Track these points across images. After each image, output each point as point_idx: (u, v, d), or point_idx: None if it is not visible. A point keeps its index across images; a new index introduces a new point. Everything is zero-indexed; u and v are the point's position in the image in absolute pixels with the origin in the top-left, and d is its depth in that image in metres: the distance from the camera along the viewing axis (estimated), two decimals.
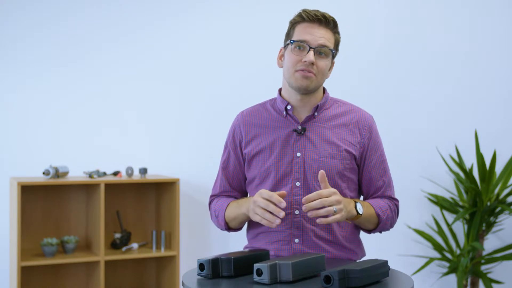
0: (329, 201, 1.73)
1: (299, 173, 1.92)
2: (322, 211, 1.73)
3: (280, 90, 2.03)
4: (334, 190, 1.77)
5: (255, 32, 3.87)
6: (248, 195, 2.07)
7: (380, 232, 2.02)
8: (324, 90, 2.03)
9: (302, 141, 1.94)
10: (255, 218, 1.81)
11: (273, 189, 1.94)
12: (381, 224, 1.96)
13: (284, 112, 1.98)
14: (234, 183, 2.07)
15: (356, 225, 2.00)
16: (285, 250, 1.92)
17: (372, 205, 1.95)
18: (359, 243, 2.03)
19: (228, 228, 2.03)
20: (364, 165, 1.99)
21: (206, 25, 3.86)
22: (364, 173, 1.99)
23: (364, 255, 2.05)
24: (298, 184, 1.92)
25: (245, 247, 2.06)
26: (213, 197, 2.10)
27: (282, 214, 1.74)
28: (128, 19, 3.71)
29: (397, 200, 2.03)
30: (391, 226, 2.02)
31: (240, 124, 2.04)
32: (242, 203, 1.94)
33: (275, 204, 1.75)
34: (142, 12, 3.77)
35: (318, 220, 1.74)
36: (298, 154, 1.93)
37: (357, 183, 2.02)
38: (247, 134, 2.01)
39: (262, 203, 1.77)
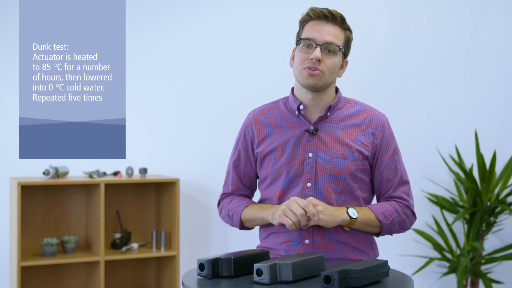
0: (308, 210, 1.82)
1: (310, 174, 1.92)
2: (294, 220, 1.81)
3: (292, 89, 2.02)
4: (310, 198, 1.84)
5: (256, 32, 3.87)
6: (260, 194, 2.07)
7: (391, 234, 2.00)
8: (337, 90, 2.02)
9: (314, 142, 1.94)
10: (282, 220, 1.83)
11: (285, 189, 1.95)
12: (385, 228, 1.95)
13: (297, 112, 1.97)
14: (246, 181, 2.07)
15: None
16: (295, 251, 1.92)
17: (373, 210, 1.93)
18: (371, 244, 2.00)
19: (242, 227, 2.04)
20: (376, 165, 1.97)
21: (206, 25, 3.86)
22: (376, 173, 1.98)
23: (376, 255, 2.03)
24: (309, 184, 1.92)
25: (258, 247, 2.07)
26: (224, 195, 2.10)
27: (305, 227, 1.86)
28: (128, 19, 3.70)
29: (408, 201, 1.98)
30: (403, 228, 1.99)
31: (252, 123, 2.03)
32: (264, 208, 1.95)
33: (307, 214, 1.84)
34: (142, 12, 3.77)
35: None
36: (310, 155, 1.93)
37: (369, 184, 2.01)
38: (259, 134, 2.01)
39: (297, 210, 1.81)
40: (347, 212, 1.88)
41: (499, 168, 3.72)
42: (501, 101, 3.90)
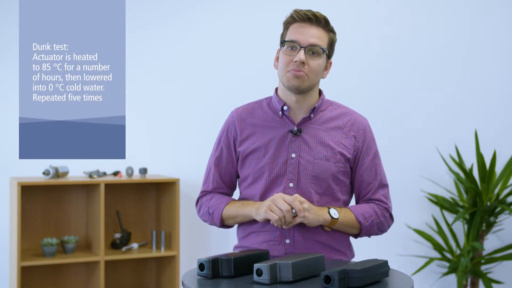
0: (289, 204, 1.83)
1: (293, 174, 1.93)
2: (280, 216, 1.82)
3: (276, 90, 2.03)
4: (296, 195, 1.85)
5: (255, 32, 3.87)
6: (240, 193, 2.07)
7: (369, 236, 2.03)
8: (321, 92, 2.03)
9: (298, 143, 1.95)
10: (268, 216, 1.84)
11: (267, 188, 1.95)
12: (364, 230, 1.97)
13: (280, 113, 1.98)
14: (227, 179, 2.07)
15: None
16: (275, 250, 1.93)
17: (353, 212, 1.95)
18: (349, 245, 2.04)
19: (222, 225, 2.04)
20: (356, 168, 2.00)
21: (206, 25, 3.86)
22: (356, 175, 2.00)
23: (353, 256, 2.07)
24: (291, 185, 1.93)
25: (236, 247, 2.07)
26: (204, 193, 2.09)
27: (290, 225, 1.86)
28: (128, 19, 3.71)
29: (386, 204, 2.01)
30: (381, 230, 2.02)
31: (235, 121, 2.04)
32: (246, 204, 1.96)
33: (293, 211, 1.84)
34: (142, 12, 3.77)
35: (285, 226, 1.86)
36: (293, 155, 1.94)
37: (349, 186, 2.03)
38: (242, 132, 2.01)
39: (283, 206, 1.82)
40: (329, 212, 1.90)
41: (499, 168, 3.72)
42: (501, 101, 3.90)
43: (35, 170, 3.52)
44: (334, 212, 1.90)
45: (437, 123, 3.91)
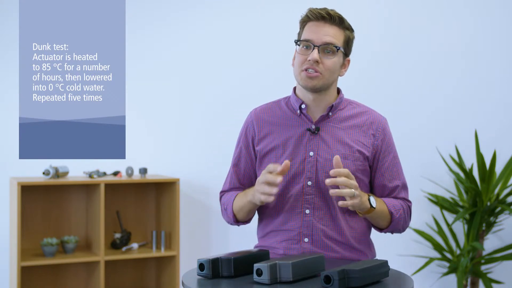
0: (352, 184, 1.74)
1: (311, 173, 1.93)
2: (346, 191, 1.73)
3: (294, 89, 2.03)
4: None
5: (256, 32, 3.88)
6: None
7: (392, 232, 2.01)
8: (339, 90, 2.03)
9: (315, 141, 1.94)
10: (260, 198, 1.80)
11: (285, 187, 1.94)
12: (393, 222, 1.95)
13: (298, 111, 1.98)
14: (245, 180, 2.07)
15: (368, 225, 2.00)
16: (294, 249, 1.92)
17: (386, 203, 1.94)
18: (369, 244, 2.02)
19: (237, 220, 2.03)
20: (377, 167, 1.98)
21: (206, 25, 3.86)
22: (377, 175, 1.99)
23: (374, 256, 2.05)
24: (309, 183, 1.92)
25: (255, 246, 2.07)
26: (222, 193, 2.11)
27: (279, 179, 1.75)
28: (128, 19, 3.71)
29: (410, 202, 2.02)
30: (403, 227, 2.01)
31: (253, 121, 2.04)
32: (247, 191, 1.95)
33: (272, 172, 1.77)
34: (142, 12, 3.77)
35: (340, 201, 1.76)
36: (311, 154, 1.93)
37: (368, 185, 2.01)
38: (260, 132, 2.01)
39: (260, 178, 1.79)
40: (369, 200, 1.86)
41: (499, 168, 3.72)
42: (501, 101, 3.90)
43: (35, 170, 3.52)
44: (373, 201, 1.87)
45: (437, 123, 3.91)
